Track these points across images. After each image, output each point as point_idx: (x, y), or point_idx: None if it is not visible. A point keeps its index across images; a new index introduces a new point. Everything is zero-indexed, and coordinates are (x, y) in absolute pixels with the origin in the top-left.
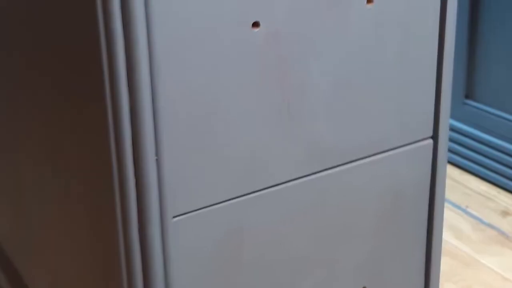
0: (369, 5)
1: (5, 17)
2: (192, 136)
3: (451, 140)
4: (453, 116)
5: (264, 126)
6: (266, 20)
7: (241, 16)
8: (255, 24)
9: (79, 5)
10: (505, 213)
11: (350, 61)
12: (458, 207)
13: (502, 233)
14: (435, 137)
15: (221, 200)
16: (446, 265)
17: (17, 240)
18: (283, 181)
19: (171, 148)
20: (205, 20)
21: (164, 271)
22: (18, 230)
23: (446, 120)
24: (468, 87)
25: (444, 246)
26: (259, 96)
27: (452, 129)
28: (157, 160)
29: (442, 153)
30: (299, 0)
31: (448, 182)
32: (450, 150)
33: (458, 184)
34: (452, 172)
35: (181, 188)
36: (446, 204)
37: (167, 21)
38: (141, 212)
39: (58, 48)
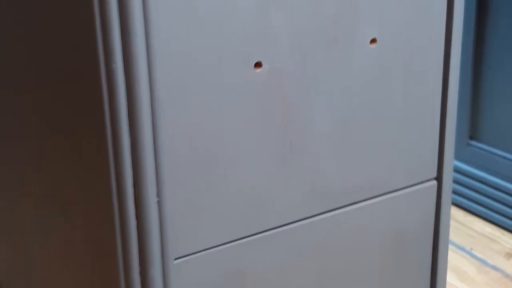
0: (372, 45)
1: (6, 54)
2: (194, 177)
3: (455, 181)
4: (457, 157)
5: (267, 166)
6: (268, 60)
7: (244, 57)
8: (258, 64)
9: (80, 43)
10: (509, 255)
11: (353, 100)
12: (462, 249)
13: (506, 275)
14: (439, 178)
15: (223, 242)
16: None
17: (16, 279)
18: (286, 222)
19: (173, 188)
20: (207, 60)
21: None
22: (18, 269)
23: (450, 161)
24: (473, 128)
25: None
26: (261, 135)
27: (456, 170)
28: (158, 201)
29: (446, 195)
30: (302, 40)
31: (452, 223)
32: (454, 192)
33: (462, 226)
34: (456, 214)
35: (183, 230)
36: (450, 246)
37: (169, 60)
38: (143, 253)
39: (58, 86)
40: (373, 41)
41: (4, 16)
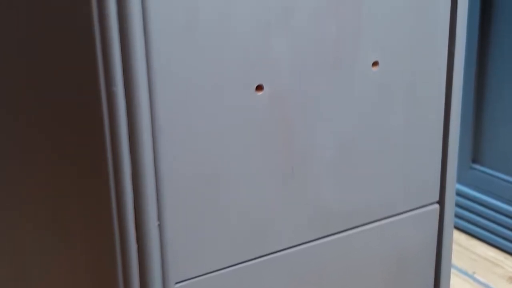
0: (374, 68)
1: (6, 75)
2: (195, 201)
3: (458, 205)
4: (459, 180)
5: (268, 190)
6: (270, 83)
7: (245, 80)
8: (259, 88)
9: (80, 65)
10: None
11: (355, 124)
12: (465, 273)
13: None
14: (441, 202)
15: (224, 266)
16: None
17: None
18: (288, 246)
19: (174, 213)
20: (208, 83)
21: None
22: None
23: (452, 185)
24: (475, 151)
25: None
26: (262, 159)
27: (459, 194)
28: (159, 225)
29: (449, 219)
30: (303, 63)
31: (454, 247)
32: (457, 215)
33: (464, 250)
34: (458, 238)
35: (184, 254)
36: (452, 270)
37: (169, 83)
38: (143, 277)
39: (59, 109)
40: (375, 64)
41: (4, 38)
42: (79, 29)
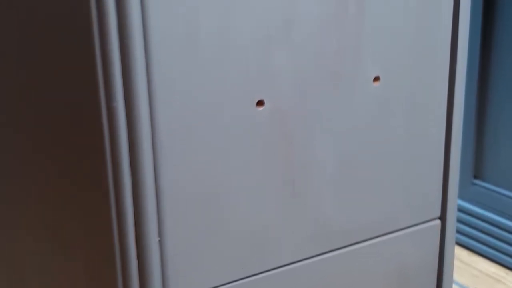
0: (376, 84)
1: (6, 92)
2: (196, 216)
3: (459, 221)
4: (461, 196)
5: (269, 205)
6: (270, 99)
7: (246, 95)
8: (260, 103)
9: (81, 81)
10: None
11: (356, 139)
12: None
13: None
14: (443, 217)
15: (225, 282)
16: None
17: None
18: (289, 262)
19: (174, 228)
20: (208, 99)
21: None
22: None
23: (454, 201)
24: (477, 167)
25: None
26: (263, 174)
27: (460, 209)
28: (159, 241)
29: (450, 234)
30: (304, 78)
31: (456, 263)
32: (458, 231)
33: (466, 266)
34: (460, 254)
35: (184, 270)
36: (454, 286)
37: (170, 99)
38: None
39: (58, 124)
40: (376, 79)
41: (4, 55)
42: (79, 44)
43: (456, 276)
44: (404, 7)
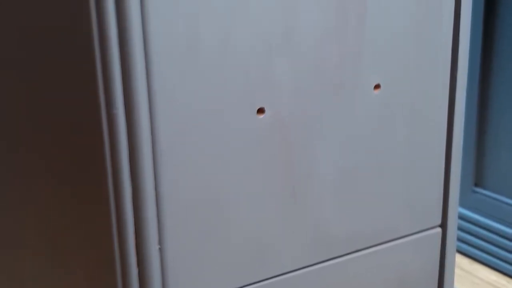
0: (376, 91)
1: (6, 102)
2: (196, 224)
3: (460, 228)
4: (462, 204)
5: (269, 213)
6: (271, 106)
7: (246, 103)
8: (260, 111)
9: (81, 89)
10: None
11: (357, 146)
12: None
13: None
14: (443, 225)
15: None
16: None
17: None
18: (290, 270)
19: (175, 236)
20: (209, 107)
21: None
22: None
23: (454, 208)
24: (478, 175)
25: None
26: (263, 182)
27: (461, 217)
28: (160, 248)
29: (451, 242)
30: (305, 86)
31: (456, 271)
32: (459, 239)
33: (467, 274)
34: (461, 262)
35: (184, 278)
36: None
37: (170, 106)
38: None
39: (58, 133)
40: (377, 87)
41: (3, 62)
42: (79, 52)
43: (457, 284)
44: (405, 15)
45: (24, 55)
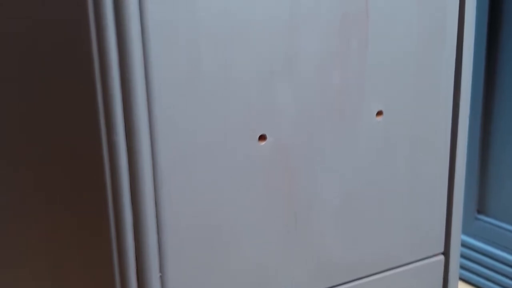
0: (378, 118)
1: (6, 128)
2: (198, 252)
3: (463, 256)
4: (465, 231)
5: (271, 241)
6: (273, 133)
7: (247, 130)
8: (262, 137)
9: (81, 114)
10: None
11: (359, 174)
12: None
13: None
14: (446, 253)
15: None
16: None
17: None
18: None
19: (176, 264)
20: (210, 134)
21: None
22: None
23: (457, 236)
24: (480, 202)
25: None
26: (265, 210)
27: (464, 245)
28: (161, 276)
29: (454, 270)
30: (307, 113)
31: None
32: (462, 267)
33: None
34: None
35: None
36: None
37: (171, 133)
38: None
39: (58, 158)
40: (379, 113)
41: (3, 91)
42: (80, 78)
43: None
44: (407, 40)
45: (24, 82)
